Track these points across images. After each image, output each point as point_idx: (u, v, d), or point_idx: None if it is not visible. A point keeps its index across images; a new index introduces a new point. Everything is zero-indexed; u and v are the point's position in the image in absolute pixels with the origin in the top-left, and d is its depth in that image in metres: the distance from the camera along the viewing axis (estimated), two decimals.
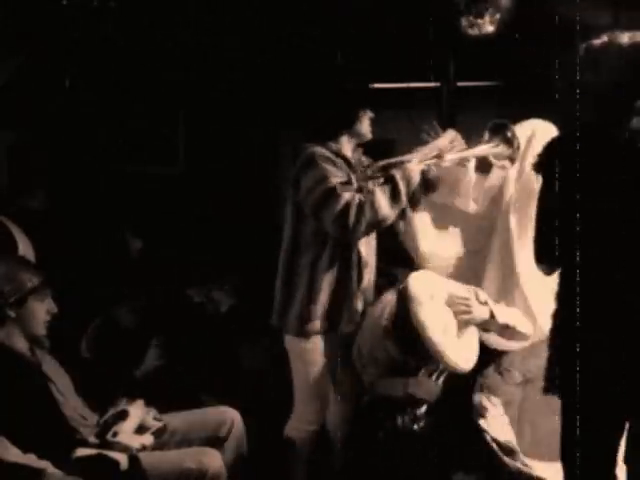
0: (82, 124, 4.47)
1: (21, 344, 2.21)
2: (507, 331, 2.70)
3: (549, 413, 2.73)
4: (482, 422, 2.56)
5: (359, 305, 2.65)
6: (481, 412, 2.59)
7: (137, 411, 2.39)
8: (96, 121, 4.54)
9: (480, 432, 2.53)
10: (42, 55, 4.04)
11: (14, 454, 2.00)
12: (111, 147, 4.72)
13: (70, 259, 3.76)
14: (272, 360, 3.50)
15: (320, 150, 2.58)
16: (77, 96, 4.38)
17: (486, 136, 2.70)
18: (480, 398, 2.65)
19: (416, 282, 2.59)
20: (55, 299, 2.34)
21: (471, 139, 2.81)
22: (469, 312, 2.60)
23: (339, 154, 2.64)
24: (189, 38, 4.43)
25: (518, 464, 2.44)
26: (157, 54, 4.50)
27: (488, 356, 2.81)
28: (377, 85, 5.04)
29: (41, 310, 2.24)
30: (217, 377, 3.51)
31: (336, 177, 2.51)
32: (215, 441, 2.50)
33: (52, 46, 4.04)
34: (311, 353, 2.62)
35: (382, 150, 5.64)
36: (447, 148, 2.70)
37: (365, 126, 2.70)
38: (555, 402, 2.77)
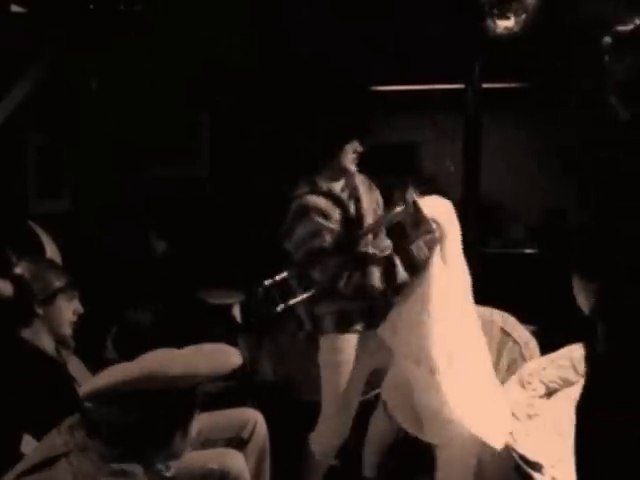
0: (108, 126, 4.51)
1: (47, 343, 2.23)
2: None
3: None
4: (508, 438, 2.52)
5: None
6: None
7: None
8: (121, 123, 4.59)
9: (508, 448, 2.48)
10: (69, 58, 4.08)
11: None
12: (136, 150, 4.76)
13: (95, 260, 3.80)
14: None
15: (312, 200, 2.59)
16: (103, 98, 4.43)
17: None
18: None
19: None
20: (81, 300, 2.36)
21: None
22: None
23: (330, 194, 2.64)
24: (213, 42, 4.46)
25: (547, 479, 2.39)
26: (182, 58, 4.53)
27: None
28: (401, 87, 5.06)
29: (68, 310, 2.26)
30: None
31: (328, 231, 2.54)
32: (238, 442, 2.50)
33: (79, 49, 4.09)
34: (344, 351, 2.61)
35: (405, 154, 5.67)
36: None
37: (348, 160, 2.63)
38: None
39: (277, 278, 2.83)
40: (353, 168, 2.66)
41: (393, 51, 4.23)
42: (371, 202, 2.75)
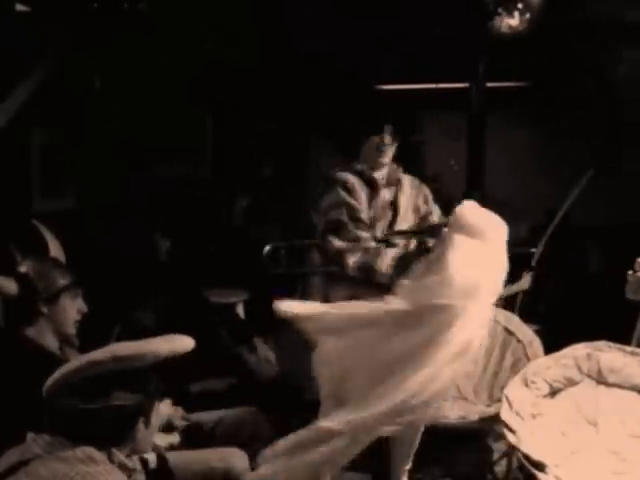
0: (111, 125, 4.52)
1: (51, 342, 2.23)
2: None
3: (581, 424, 2.68)
4: (512, 438, 2.51)
5: None
6: (510, 428, 2.54)
7: (165, 410, 2.41)
8: (125, 122, 4.59)
9: (511, 448, 2.48)
10: (73, 57, 4.09)
11: None
12: (139, 149, 4.77)
13: (99, 259, 3.80)
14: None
15: (341, 174, 2.60)
16: (106, 97, 4.43)
17: None
18: (508, 413, 2.60)
19: None
20: (85, 299, 2.36)
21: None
22: None
23: (363, 173, 2.63)
24: (217, 41, 4.46)
25: (550, 478, 2.39)
26: (185, 56, 4.54)
27: None
28: (406, 86, 5.06)
29: (72, 309, 2.26)
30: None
31: (348, 205, 2.53)
32: None
33: (83, 48, 4.09)
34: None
35: (410, 151, 5.64)
36: None
37: (376, 151, 2.61)
38: (587, 411, 2.73)
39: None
40: (386, 160, 2.64)
41: (397, 50, 4.23)
42: (413, 198, 2.71)
